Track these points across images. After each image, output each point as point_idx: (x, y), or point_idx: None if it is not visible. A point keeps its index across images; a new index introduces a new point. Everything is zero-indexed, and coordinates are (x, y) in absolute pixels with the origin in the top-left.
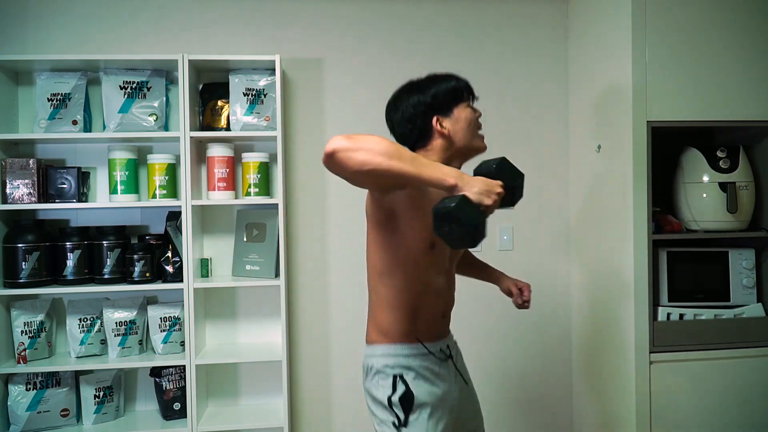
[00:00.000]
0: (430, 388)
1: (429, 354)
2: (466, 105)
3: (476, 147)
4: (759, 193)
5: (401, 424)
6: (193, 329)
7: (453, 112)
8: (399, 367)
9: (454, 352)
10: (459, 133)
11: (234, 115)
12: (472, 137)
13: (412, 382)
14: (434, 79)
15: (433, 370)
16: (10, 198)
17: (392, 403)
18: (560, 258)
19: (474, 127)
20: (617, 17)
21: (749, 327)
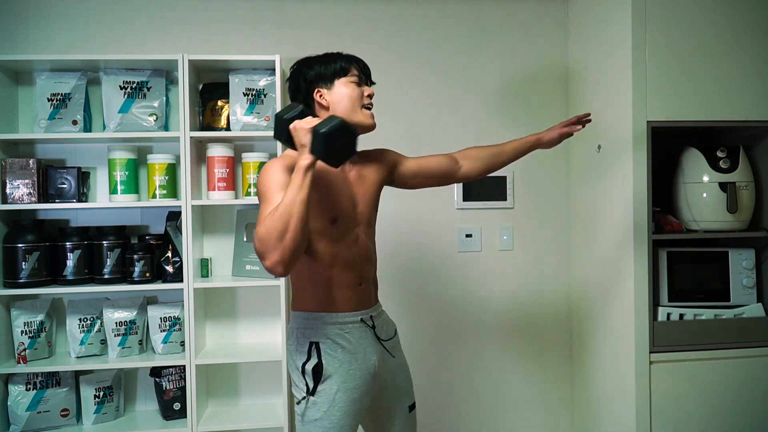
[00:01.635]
0: (342, 357)
1: (346, 323)
2: (351, 81)
3: (359, 121)
4: (759, 193)
5: (309, 392)
6: (193, 329)
7: (334, 85)
8: (316, 334)
9: (378, 324)
10: (338, 105)
11: (234, 115)
12: (353, 111)
13: (325, 351)
14: (325, 55)
15: (349, 338)
16: (10, 198)
17: (305, 371)
18: (560, 258)
19: (356, 102)
20: (617, 17)
21: (749, 327)
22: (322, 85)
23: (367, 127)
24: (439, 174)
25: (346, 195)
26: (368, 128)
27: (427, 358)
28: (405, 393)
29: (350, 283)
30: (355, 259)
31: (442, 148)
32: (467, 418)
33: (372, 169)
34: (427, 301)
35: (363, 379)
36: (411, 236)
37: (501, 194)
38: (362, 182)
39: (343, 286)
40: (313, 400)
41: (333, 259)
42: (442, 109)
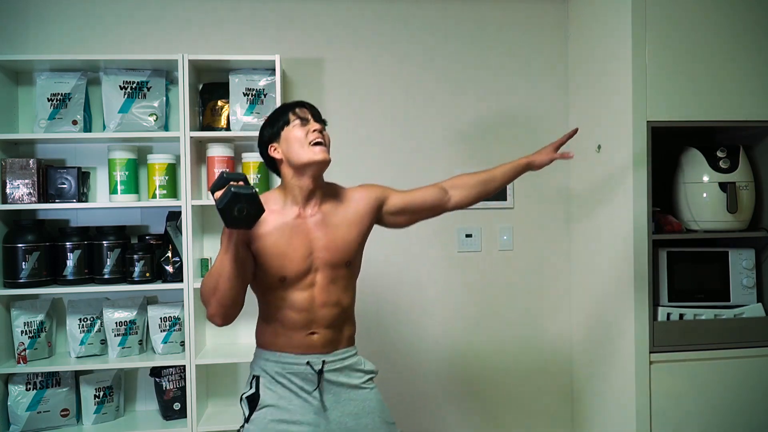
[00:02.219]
0: (281, 392)
1: (290, 364)
2: (294, 125)
3: (307, 160)
4: (759, 193)
5: (246, 420)
6: (193, 329)
7: (281, 136)
8: (258, 369)
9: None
10: (289, 152)
11: (234, 115)
12: (302, 151)
13: (263, 385)
14: (271, 114)
15: (290, 378)
16: (10, 198)
17: (242, 400)
18: (560, 258)
19: (302, 143)
20: (617, 17)
21: (749, 327)
22: (274, 141)
23: (320, 163)
24: (429, 207)
25: (300, 248)
26: (321, 163)
27: (425, 357)
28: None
29: (299, 328)
30: (308, 304)
31: (442, 148)
32: (466, 416)
33: (343, 217)
34: (427, 301)
35: (305, 417)
36: (411, 236)
37: (501, 194)
38: (326, 230)
39: (291, 329)
40: (247, 427)
41: (282, 302)
42: (442, 109)
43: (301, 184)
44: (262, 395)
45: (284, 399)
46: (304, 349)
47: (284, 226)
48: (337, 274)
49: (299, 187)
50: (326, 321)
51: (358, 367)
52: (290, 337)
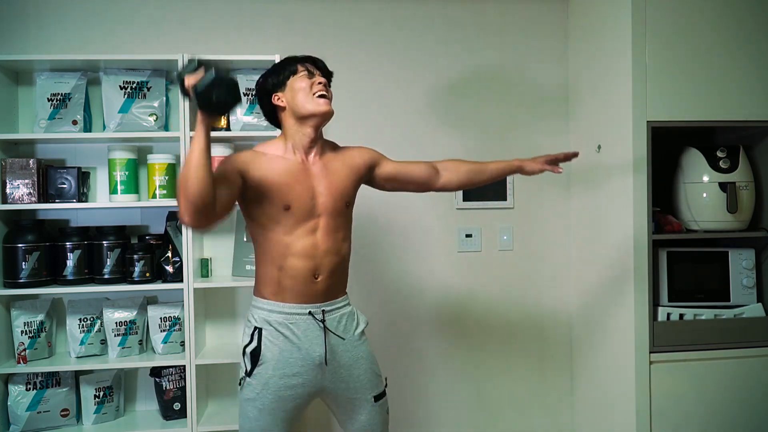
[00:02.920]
0: (283, 346)
1: (292, 314)
2: (301, 76)
3: (312, 111)
4: (759, 193)
5: (247, 373)
6: (193, 329)
7: (287, 85)
8: (261, 320)
9: (331, 318)
10: (294, 101)
11: (234, 115)
12: (306, 101)
13: (265, 338)
14: (276, 64)
15: (293, 329)
16: (10, 198)
17: (245, 353)
18: (560, 258)
19: (306, 93)
20: (617, 17)
21: (749, 327)
22: (278, 90)
23: (323, 114)
24: (418, 181)
25: (304, 186)
26: (324, 114)
27: (426, 357)
28: (367, 384)
29: (303, 274)
30: (312, 250)
31: (441, 148)
32: (467, 418)
33: (342, 163)
34: (427, 301)
35: (305, 369)
36: (411, 236)
37: (501, 194)
38: (327, 175)
39: (295, 276)
40: (249, 381)
41: (286, 249)
42: (442, 109)
43: (303, 132)
44: (264, 349)
45: (286, 352)
46: (307, 298)
47: (289, 167)
48: (337, 222)
49: (302, 134)
50: (328, 268)
51: (353, 318)
52: (295, 286)
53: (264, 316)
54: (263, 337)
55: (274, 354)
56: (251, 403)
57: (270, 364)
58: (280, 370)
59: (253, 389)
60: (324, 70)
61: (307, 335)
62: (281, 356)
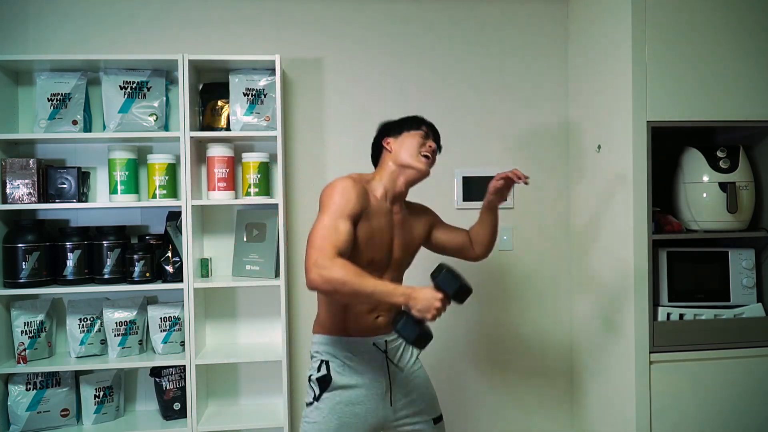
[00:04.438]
0: (350, 376)
1: (357, 346)
2: (417, 135)
3: (412, 164)
4: (759, 193)
5: (315, 398)
6: (193, 329)
7: (401, 136)
8: (327, 354)
9: (392, 348)
10: (401, 149)
11: (234, 115)
12: (411, 157)
13: (333, 369)
14: (403, 118)
15: (358, 360)
16: (10, 198)
17: (311, 380)
18: (560, 258)
19: (415, 150)
20: (617, 17)
21: (749, 327)
22: (392, 135)
23: (421, 171)
24: (456, 251)
25: (387, 238)
26: (422, 172)
27: (424, 358)
28: (427, 408)
29: (368, 312)
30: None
31: (442, 147)
32: (467, 418)
33: (416, 221)
34: None
35: (369, 398)
36: None
37: None
38: (404, 230)
39: (358, 315)
40: (317, 405)
41: None
42: (442, 108)
43: (396, 181)
44: (334, 377)
45: (351, 381)
46: (370, 331)
47: (381, 215)
48: (400, 269)
49: (394, 182)
50: (388, 307)
51: (409, 347)
52: (358, 321)
53: (330, 350)
54: (331, 368)
55: (343, 383)
56: (315, 426)
57: (339, 392)
58: (348, 398)
59: (320, 413)
60: (438, 139)
61: (371, 365)
62: (347, 384)
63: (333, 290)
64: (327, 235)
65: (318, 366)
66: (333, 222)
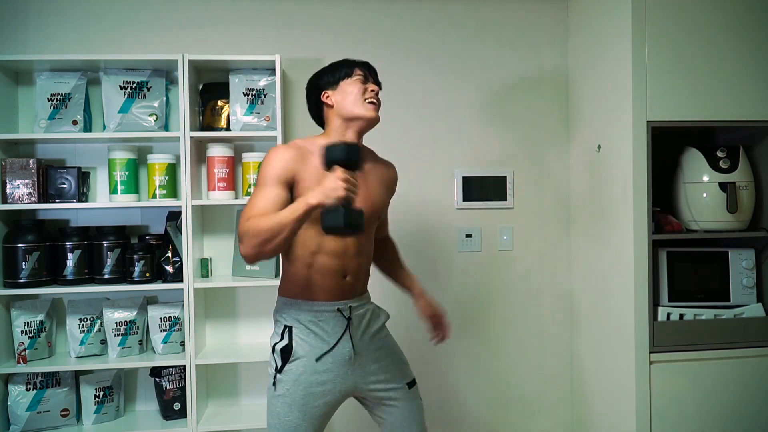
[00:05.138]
0: (314, 342)
1: (321, 311)
2: (355, 80)
3: (360, 114)
4: (759, 193)
5: (277, 370)
6: (193, 329)
7: (339, 86)
8: (291, 318)
9: (357, 314)
10: (343, 102)
11: (234, 115)
12: (356, 106)
13: (296, 335)
14: (332, 64)
15: (323, 326)
16: (10, 198)
17: (274, 351)
18: (560, 258)
19: (358, 97)
20: (617, 17)
21: (749, 327)
22: (329, 88)
23: (370, 120)
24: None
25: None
26: (371, 120)
27: (425, 357)
28: (398, 373)
29: (333, 272)
30: (343, 251)
31: (442, 147)
32: (467, 418)
33: (379, 178)
34: None
35: (335, 365)
36: (411, 236)
37: (501, 194)
38: (366, 184)
39: (325, 274)
40: (279, 378)
41: (318, 248)
42: (442, 108)
43: (346, 136)
44: (295, 346)
45: (316, 349)
46: (335, 295)
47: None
48: (368, 226)
49: (343, 137)
50: (356, 268)
51: (375, 314)
52: (324, 283)
53: (294, 315)
54: (294, 334)
55: (306, 350)
56: (281, 399)
57: (301, 361)
58: (311, 366)
59: (284, 385)
60: (376, 78)
61: (336, 331)
62: (312, 352)
63: (260, 248)
64: (251, 205)
65: (281, 332)
66: (258, 192)
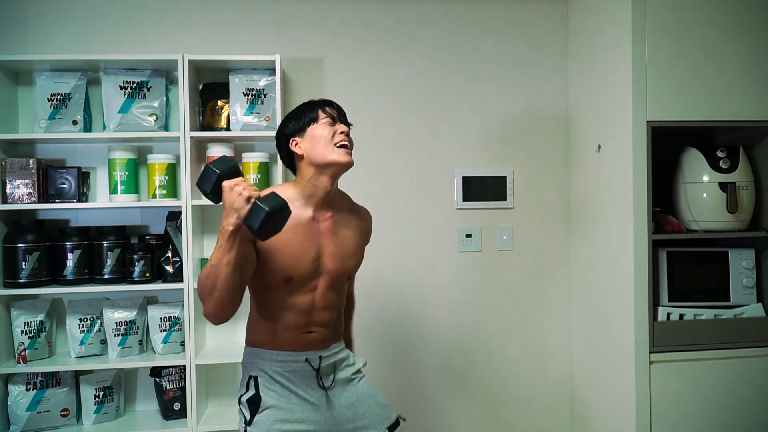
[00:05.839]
0: (281, 391)
1: (287, 361)
2: (323, 124)
3: (332, 161)
4: (759, 193)
5: (247, 423)
6: (193, 329)
7: (307, 132)
8: (255, 368)
9: (327, 365)
10: (313, 150)
11: (234, 115)
12: (326, 152)
13: (263, 385)
14: (297, 108)
15: (288, 376)
16: (10, 198)
17: (241, 402)
18: (560, 258)
19: (328, 142)
20: (617, 17)
21: (749, 327)
22: (297, 135)
23: (342, 165)
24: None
25: (309, 248)
26: (343, 166)
27: (425, 357)
28: (376, 419)
29: (298, 327)
30: (308, 307)
31: (442, 147)
32: (467, 418)
33: (354, 230)
34: (427, 301)
35: (307, 414)
36: (411, 236)
37: (501, 194)
38: (336, 235)
39: (290, 328)
40: (249, 430)
41: (282, 304)
42: (442, 108)
43: (319, 184)
44: (263, 396)
45: (284, 398)
46: (301, 346)
47: (298, 227)
48: (338, 282)
49: (316, 186)
50: (323, 321)
51: (348, 362)
52: (288, 336)
53: (259, 365)
54: (260, 383)
55: (273, 400)
56: None
57: (271, 411)
58: (282, 416)
59: None
60: (344, 118)
61: (303, 380)
62: (280, 402)
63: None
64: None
65: (246, 383)
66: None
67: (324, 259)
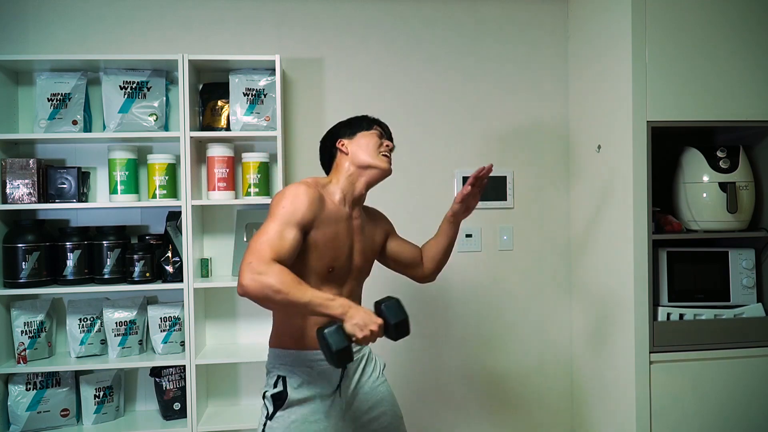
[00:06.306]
0: (306, 391)
1: (315, 360)
2: (372, 134)
3: (375, 164)
4: (759, 193)
5: (268, 417)
6: (193, 329)
7: (356, 136)
8: (284, 369)
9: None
10: (359, 151)
11: (234, 115)
12: (372, 157)
13: (290, 384)
14: (352, 117)
15: (314, 375)
16: (10, 198)
17: (266, 397)
18: (560, 258)
19: (374, 149)
20: (617, 17)
21: (749, 327)
22: (345, 137)
23: (384, 170)
24: (407, 265)
25: (346, 244)
26: (384, 171)
27: (425, 357)
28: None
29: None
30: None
31: (442, 147)
32: (467, 418)
33: (373, 226)
34: (427, 301)
35: (327, 415)
36: (411, 236)
37: (501, 194)
38: (363, 235)
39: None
40: (270, 425)
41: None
42: (442, 108)
43: (357, 184)
44: (290, 394)
45: (309, 399)
46: None
47: (340, 220)
48: (361, 277)
49: (354, 185)
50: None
51: (372, 360)
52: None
53: (288, 366)
54: (288, 383)
55: (297, 399)
56: None
57: (293, 410)
58: (303, 415)
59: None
60: (391, 138)
61: (330, 381)
62: (305, 402)
63: (264, 297)
64: (268, 240)
65: (274, 382)
66: (278, 228)
67: (354, 256)
